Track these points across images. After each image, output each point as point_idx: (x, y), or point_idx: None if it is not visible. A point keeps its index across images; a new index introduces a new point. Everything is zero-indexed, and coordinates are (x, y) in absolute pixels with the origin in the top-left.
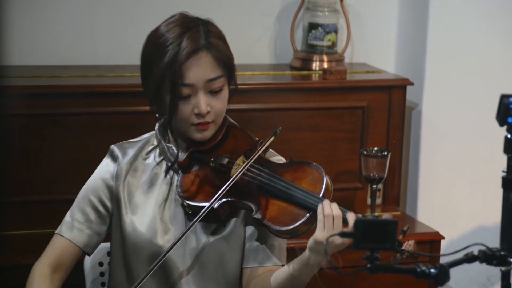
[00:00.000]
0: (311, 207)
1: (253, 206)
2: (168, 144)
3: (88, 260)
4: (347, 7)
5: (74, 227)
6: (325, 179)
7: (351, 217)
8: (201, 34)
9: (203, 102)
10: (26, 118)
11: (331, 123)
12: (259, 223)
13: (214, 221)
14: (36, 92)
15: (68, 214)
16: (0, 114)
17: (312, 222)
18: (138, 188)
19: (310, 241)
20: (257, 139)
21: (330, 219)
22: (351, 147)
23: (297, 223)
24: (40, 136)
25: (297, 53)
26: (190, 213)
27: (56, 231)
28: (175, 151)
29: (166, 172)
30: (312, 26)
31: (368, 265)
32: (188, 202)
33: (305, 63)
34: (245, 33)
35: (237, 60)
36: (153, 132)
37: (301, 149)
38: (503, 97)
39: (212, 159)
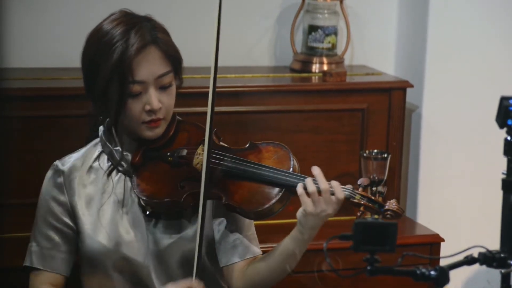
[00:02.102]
0: (284, 183)
1: (221, 193)
2: (115, 148)
3: None
4: (347, 9)
5: (44, 255)
6: (291, 155)
7: (337, 186)
8: (146, 29)
9: (154, 98)
10: (25, 120)
11: (331, 125)
12: (230, 209)
13: (178, 217)
14: (35, 94)
15: (32, 244)
16: (0, 116)
17: (286, 199)
18: (91, 198)
19: (300, 216)
20: None
21: (316, 195)
22: (351, 149)
23: (272, 202)
24: (40, 139)
25: (297, 55)
26: (150, 212)
27: (27, 264)
28: (123, 153)
29: (113, 173)
30: (312, 28)
31: (368, 268)
32: (149, 200)
33: (305, 65)
34: (245, 35)
35: (237, 62)
36: (96, 140)
37: (300, 151)
38: (503, 99)
39: (168, 154)
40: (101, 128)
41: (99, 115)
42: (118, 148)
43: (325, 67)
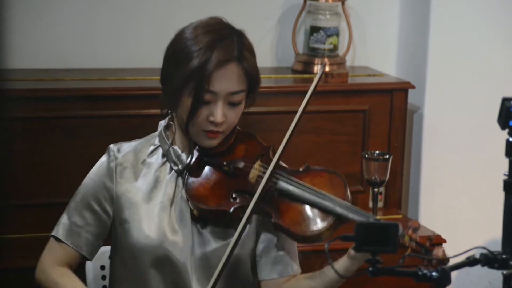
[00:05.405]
0: (337, 212)
1: (271, 212)
2: (173, 146)
3: (89, 264)
4: (349, 10)
5: (72, 231)
6: (345, 185)
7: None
8: (234, 45)
9: (220, 111)
10: (27, 121)
11: (333, 126)
12: (278, 229)
13: (224, 225)
14: (37, 95)
15: (64, 216)
16: (1, 117)
17: (336, 228)
18: (140, 190)
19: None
20: (265, 144)
21: None
22: (353, 150)
23: (322, 228)
24: (41, 139)
25: (299, 56)
26: (198, 216)
27: (53, 233)
28: (180, 153)
29: (175, 172)
30: (314, 29)
31: (370, 268)
32: (197, 205)
33: (307, 66)
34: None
35: None
36: (153, 133)
37: (302, 153)
38: (505, 100)
39: (225, 163)
40: (161, 123)
41: (167, 109)
42: (176, 147)
43: (327, 68)
